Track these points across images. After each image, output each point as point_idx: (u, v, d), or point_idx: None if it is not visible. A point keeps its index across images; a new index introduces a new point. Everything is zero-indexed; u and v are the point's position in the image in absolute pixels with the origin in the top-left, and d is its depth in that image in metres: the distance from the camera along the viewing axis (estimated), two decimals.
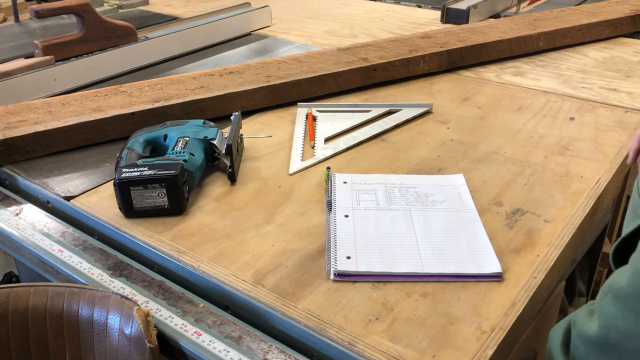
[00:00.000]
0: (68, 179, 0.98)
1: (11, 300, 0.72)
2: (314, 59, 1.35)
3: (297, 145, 1.07)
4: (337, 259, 0.76)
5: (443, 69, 1.40)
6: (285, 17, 1.93)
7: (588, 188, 0.92)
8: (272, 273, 0.75)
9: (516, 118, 1.17)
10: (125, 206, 0.86)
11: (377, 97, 1.28)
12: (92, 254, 0.82)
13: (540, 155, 1.02)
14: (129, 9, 2.04)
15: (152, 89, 1.20)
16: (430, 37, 1.48)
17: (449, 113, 1.19)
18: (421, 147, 1.06)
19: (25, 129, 1.05)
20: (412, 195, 0.90)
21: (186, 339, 0.67)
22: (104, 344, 0.71)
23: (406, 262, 0.76)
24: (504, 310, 0.69)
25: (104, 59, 1.45)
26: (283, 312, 0.69)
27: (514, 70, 1.41)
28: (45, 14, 1.40)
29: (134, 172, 0.85)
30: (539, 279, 0.74)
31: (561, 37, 1.53)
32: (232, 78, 1.26)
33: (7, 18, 1.96)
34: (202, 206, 0.90)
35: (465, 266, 0.75)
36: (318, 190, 0.94)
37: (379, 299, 0.71)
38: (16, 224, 0.89)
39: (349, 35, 1.73)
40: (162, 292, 0.75)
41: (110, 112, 1.10)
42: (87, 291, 0.72)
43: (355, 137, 1.10)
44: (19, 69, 1.35)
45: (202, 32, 1.64)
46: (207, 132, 0.99)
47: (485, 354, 0.63)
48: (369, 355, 0.63)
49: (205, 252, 0.80)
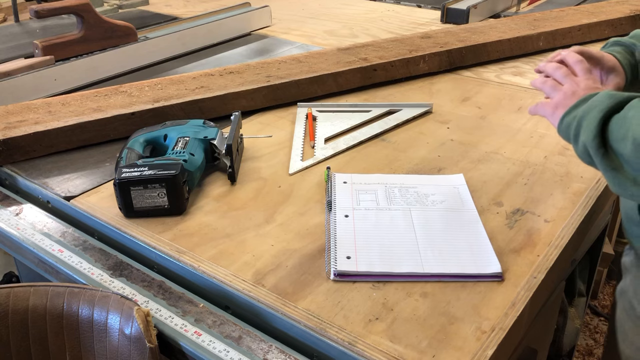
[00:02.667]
0: (68, 179, 0.98)
1: (11, 300, 0.72)
2: (314, 59, 1.35)
3: (297, 145, 1.07)
4: (337, 259, 0.76)
5: (443, 69, 1.40)
6: (285, 17, 1.93)
7: (588, 188, 0.92)
8: (272, 273, 0.75)
9: (516, 118, 1.17)
10: (125, 206, 0.86)
11: (377, 97, 1.28)
12: (92, 254, 0.82)
13: (540, 155, 1.02)
14: (129, 9, 2.04)
15: (152, 89, 1.20)
16: (430, 37, 1.48)
17: (449, 113, 1.19)
18: (421, 147, 1.06)
19: (25, 129, 1.05)
20: (412, 195, 0.90)
21: (186, 339, 0.67)
22: (104, 344, 0.71)
23: (406, 262, 0.76)
24: (504, 310, 0.69)
25: (104, 59, 1.45)
26: (283, 312, 0.69)
27: (514, 70, 1.41)
28: (45, 14, 1.40)
29: (134, 172, 0.85)
30: (539, 279, 0.74)
31: (561, 37, 1.53)
32: (232, 78, 1.26)
33: (7, 18, 1.96)
34: (202, 206, 0.90)
35: (465, 266, 0.75)
36: (318, 190, 0.94)
37: (379, 299, 0.71)
38: (16, 224, 0.89)
39: (349, 35, 1.73)
40: (162, 292, 0.75)
41: (110, 112, 1.11)
42: (87, 291, 0.72)
43: (355, 137, 1.10)
44: (19, 69, 1.35)
45: (202, 32, 1.64)
46: (207, 132, 0.99)
47: (485, 354, 0.63)
48: (369, 355, 0.63)
49: (205, 252, 0.80)
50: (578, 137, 0.71)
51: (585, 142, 0.69)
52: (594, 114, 0.69)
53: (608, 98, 0.69)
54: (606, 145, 0.68)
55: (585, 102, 0.73)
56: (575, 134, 0.72)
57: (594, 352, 1.71)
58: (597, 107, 0.69)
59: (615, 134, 0.66)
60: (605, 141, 0.68)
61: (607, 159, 0.68)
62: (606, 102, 0.69)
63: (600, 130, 0.68)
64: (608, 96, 0.69)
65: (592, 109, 0.70)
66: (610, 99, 0.69)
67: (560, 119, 0.75)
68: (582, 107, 0.72)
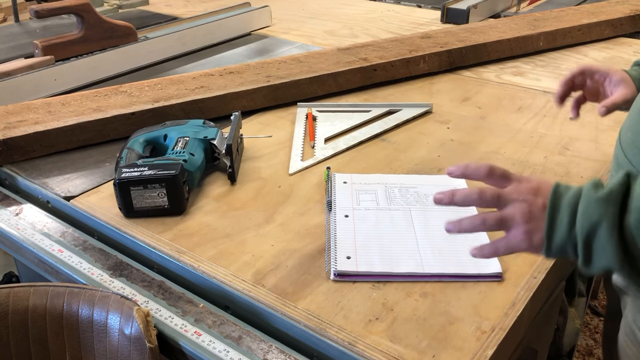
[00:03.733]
0: (68, 179, 0.98)
1: (11, 300, 0.72)
2: (314, 59, 1.35)
3: (297, 145, 1.07)
4: (337, 259, 0.76)
5: (443, 69, 1.40)
6: (285, 17, 1.93)
7: None
8: (272, 273, 0.75)
9: (516, 118, 1.17)
10: (125, 206, 0.86)
11: (377, 97, 1.28)
12: (92, 254, 0.82)
13: (540, 155, 1.02)
14: (129, 9, 2.03)
15: (152, 89, 1.20)
16: (430, 37, 1.48)
17: (449, 113, 1.19)
18: (421, 147, 1.06)
19: (25, 129, 1.05)
20: (412, 195, 0.90)
21: (186, 339, 0.67)
22: (104, 344, 0.71)
23: (406, 262, 0.76)
24: (504, 310, 0.69)
25: (104, 59, 1.45)
26: (283, 312, 0.69)
27: (514, 70, 1.41)
28: (45, 14, 1.40)
29: (134, 172, 0.85)
30: (539, 279, 0.74)
31: (561, 37, 1.53)
32: (232, 78, 1.26)
33: (7, 18, 1.96)
34: (202, 206, 0.90)
35: (465, 266, 0.75)
36: (318, 190, 0.94)
37: (379, 299, 0.71)
38: (16, 224, 0.89)
39: (349, 35, 1.73)
40: (162, 292, 0.75)
41: (110, 112, 1.10)
42: (87, 291, 0.72)
43: (355, 137, 1.10)
44: (19, 69, 1.35)
45: (202, 32, 1.64)
46: (207, 132, 0.99)
47: (485, 354, 0.63)
48: (369, 355, 0.63)
49: (205, 252, 0.80)
50: (591, 260, 0.55)
51: (611, 266, 0.54)
52: (604, 233, 0.53)
53: (605, 204, 0.54)
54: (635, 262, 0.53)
55: (561, 211, 0.56)
56: (586, 258, 0.55)
57: (594, 352, 1.71)
58: (602, 223, 0.53)
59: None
60: (630, 254, 0.53)
61: None
62: (609, 211, 0.53)
63: (623, 247, 0.53)
64: (602, 201, 0.54)
65: (596, 227, 0.54)
66: (609, 205, 0.54)
67: (547, 245, 0.57)
68: (565, 220, 0.55)
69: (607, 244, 0.53)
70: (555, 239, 0.56)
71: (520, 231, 0.58)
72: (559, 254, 0.57)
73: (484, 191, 0.60)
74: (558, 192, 0.57)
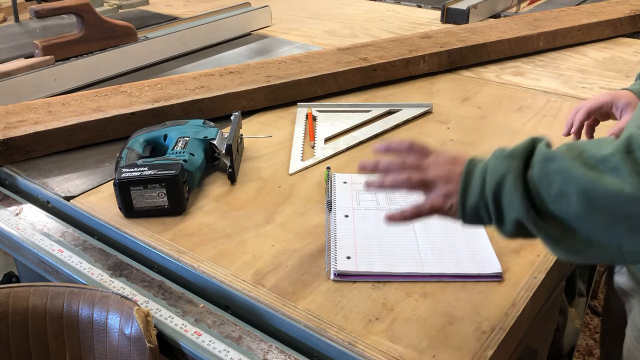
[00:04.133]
0: (68, 179, 0.98)
1: (11, 300, 0.72)
2: (314, 59, 1.35)
3: (297, 145, 1.07)
4: (337, 259, 0.76)
5: (443, 69, 1.40)
6: (285, 17, 1.93)
7: None
8: (272, 273, 0.75)
9: (516, 118, 1.17)
10: (125, 206, 0.86)
11: (377, 97, 1.28)
12: (92, 254, 0.82)
13: None
14: (129, 9, 2.03)
15: (152, 89, 1.20)
16: (430, 37, 1.48)
17: (449, 113, 1.19)
18: None
19: (25, 129, 1.05)
20: (412, 196, 0.89)
21: (186, 339, 0.67)
22: (104, 344, 0.71)
23: (406, 262, 0.76)
24: (504, 310, 0.69)
25: (104, 59, 1.45)
26: (283, 312, 0.69)
27: (514, 70, 1.41)
28: (45, 14, 1.40)
29: (134, 172, 0.85)
30: (539, 279, 0.74)
31: (561, 37, 1.53)
32: (232, 78, 1.26)
33: (7, 18, 1.96)
34: (202, 206, 0.90)
35: (465, 266, 0.75)
36: (318, 190, 0.94)
37: (379, 299, 0.71)
38: (16, 224, 0.89)
39: (349, 35, 1.73)
40: (162, 292, 0.75)
41: (110, 112, 1.11)
42: (87, 291, 0.72)
43: (355, 137, 1.10)
44: (19, 69, 1.35)
45: (202, 32, 1.64)
46: (207, 132, 0.99)
47: (485, 354, 0.63)
48: (369, 355, 0.63)
49: (205, 252, 0.80)
50: (502, 216, 0.57)
51: (519, 217, 0.56)
52: (510, 185, 0.56)
53: (510, 159, 0.57)
54: (541, 213, 0.55)
55: (474, 176, 0.59)
56: (498, 215, 0.58)
57: (594, 352, 1.71)
58: (508, 175, 0.56)
59: (546, 195, 0.54)
60: (536, 209, 0.55)
61: (551, 225, 0.55)
62: (513, 164, 0.57)
63: (528, 197, 0.55)
64: (507, 156, 0.58)
65: (502, 179, 0.57)
66: (514, 159, 0.57)
67: (461, 207, 0.60)
68: (478, 181, 0.59)
69: (513, 195, 0.56)
70: (468, 202, 0.60)
71: (440, 193, 0.62)
72: (474, 219, 0.60)
73: (406, 159, 0.65)
74: (473, 162, 0.61)
